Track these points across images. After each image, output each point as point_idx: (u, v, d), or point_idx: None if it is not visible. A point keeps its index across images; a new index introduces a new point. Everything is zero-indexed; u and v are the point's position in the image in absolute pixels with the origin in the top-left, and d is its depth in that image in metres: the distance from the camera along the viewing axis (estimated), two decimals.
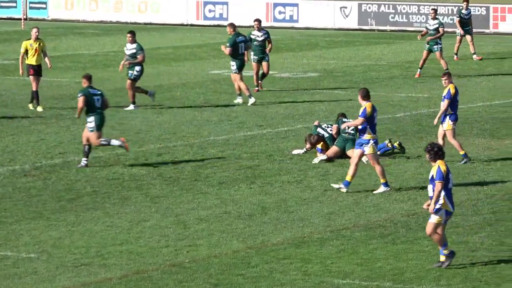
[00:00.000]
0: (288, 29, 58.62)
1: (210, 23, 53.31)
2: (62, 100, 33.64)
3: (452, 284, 13.86)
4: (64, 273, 14.54)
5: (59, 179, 21.65)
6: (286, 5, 60.41)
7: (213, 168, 22.77)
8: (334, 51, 49.78)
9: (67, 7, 63.98)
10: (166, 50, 49.18)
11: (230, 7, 60.73)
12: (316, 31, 57.85)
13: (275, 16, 59.91)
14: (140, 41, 32.67)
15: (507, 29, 55.74)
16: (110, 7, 63.42)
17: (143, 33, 56.81)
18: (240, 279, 14.18)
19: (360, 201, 19.58)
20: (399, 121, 29.56)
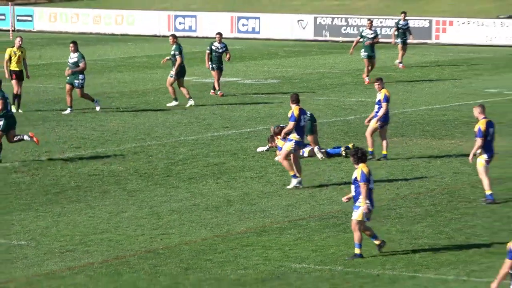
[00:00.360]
0: (251, 40, 58.67)
1: (180, 34, 53.11)
2: (48, 104, 33.53)
3: (396, 268, 14.15)
4: (51, 258, 14.66)
5: (46, 175, 21.61)
6: (249, 18, 60.60)
7: (184, 165, 22.78)
8: (292, 60, 49.86)
9: (51, 19, 63.96)
10: (141, 59, 49.05)
11: (198, 20, 60.88)
12: (276, 42, 57.97)
13: (239, 28, 60.05)
14: (116, 51, 32.68)
15: (448, 40, 56.29)
16: (90, 20, 63.39)
17: (120, 44, 56.89)
18: (208, 263, 14.38)
19: (315, 194, 19.67)
20: (350, 123, 29.76)
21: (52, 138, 26.52)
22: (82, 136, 26.83)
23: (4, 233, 16.37)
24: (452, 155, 24.08)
